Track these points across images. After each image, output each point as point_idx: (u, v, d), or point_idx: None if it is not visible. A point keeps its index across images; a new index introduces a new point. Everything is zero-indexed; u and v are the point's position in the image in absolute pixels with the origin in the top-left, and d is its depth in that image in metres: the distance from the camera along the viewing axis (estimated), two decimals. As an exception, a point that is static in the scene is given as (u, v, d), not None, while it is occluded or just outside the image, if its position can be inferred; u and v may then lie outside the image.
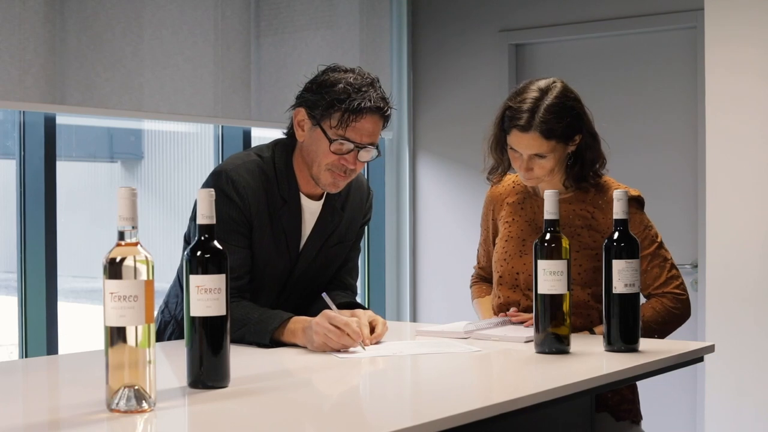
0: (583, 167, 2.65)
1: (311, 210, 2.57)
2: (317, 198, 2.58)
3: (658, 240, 2.65)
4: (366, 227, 2.79)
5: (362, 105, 2.41)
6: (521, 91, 2.61)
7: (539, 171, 2.59)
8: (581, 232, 2.63)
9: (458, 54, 5.06)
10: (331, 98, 2.43)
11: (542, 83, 2.60)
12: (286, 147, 2.56)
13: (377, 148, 2.49)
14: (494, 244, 2.82)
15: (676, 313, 2.61)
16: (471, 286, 2.98)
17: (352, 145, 2.44)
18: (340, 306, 2.50)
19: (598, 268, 2.50)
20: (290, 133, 2.55)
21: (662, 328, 2.60)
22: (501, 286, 2.74)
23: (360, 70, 2.50)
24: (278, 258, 2.53)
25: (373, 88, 2.47)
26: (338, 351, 2.27)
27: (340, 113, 2.42)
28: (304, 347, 2.33)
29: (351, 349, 2.28)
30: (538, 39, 4.89)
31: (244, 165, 2.50)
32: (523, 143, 2.56)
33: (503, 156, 2.69)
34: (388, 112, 2.49)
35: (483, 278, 2.95)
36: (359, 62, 4.91)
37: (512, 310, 2.67)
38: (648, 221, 2.66)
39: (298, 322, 2.35)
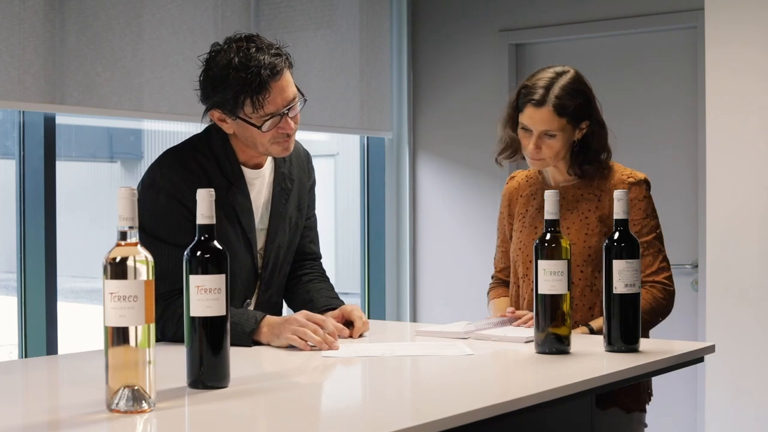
0: (588, 155, 2.70)
1: (254, 180, 2.54)
2: (259, 167, 2.55)
3: (657, 231, 2.70)
4: (314, 192, 2.77)
5: (262, 80, 2.35)
6: (536, 73, 2.71)
7: (547, 151, 2.65)
8: (589, 215, 2.69)
9: (458, 54, 5.06)
10: (232, 92, 2.36)
11: (557, 68, 2.70)
12: (220, 132, 2.50)
13: (301, 94, 2.44)
14: (511, 241, 2.87)
15: (663, 303, 2.67)
16: (488, 292, 2.98)
17: (278, 116, 2.40)
18: (325, 311, 2.51)
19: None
20: (216, 127, 2.49)
21: (651, 318, 2.64)
22: (517, 278, 2.78)
23: (237, 39, 2.40)
24: (236, 240, 2.49)
25: (260, 52, 2.37)
26: (306, 345, 2.28)
27: (249, 100, 2.36)
28: (295, 348, 2.31)
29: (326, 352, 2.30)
30: (538, 39, 4.89)
31: (178, 157, 2.46)
32: (536, 118, 2.62)
33: (514, 134, 2.74)
34: (286, 62, 2.40)
35: (500, 282, 2.95)
36: (359, 62, 4.92)
37: (509, 310, 2.68)
38: (651, 211, 2.69)
39: (264, 322, 2.35)
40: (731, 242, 3.78)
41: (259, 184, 2.56)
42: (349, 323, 2.49)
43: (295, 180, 2.65)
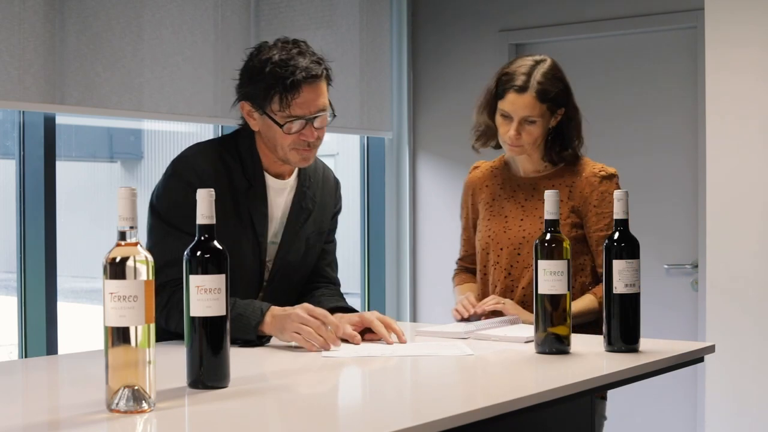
0: (564, 142, 2.78)
1: (276, 189, 2.55)
2: (283, 177, 2.56)
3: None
4: (337, 219, 2.78)
5: (295, 80, 2.38)
6: (515, 61, 2.79)
7: (527, 137, 2.72)
8: (561, 204, 2.72)
9: (458, 54, 5.06)
10: (264, 85, 2.40)
11: (536, 56, 2.80)
12: (248, 132, 2.54)
13: (331, 108, 2.47)
14: (473, 229, 2.95)
15: None
16: (453, 278, 3.05)
17: (303, 121, 2.42)
18: (335, 310, 2.49)
19: (578, 239, 2.72)
20: (246, 123, 2.53)
21: None
22: (485, 265, 2.84)
23: (284, 41, 2.45)
24: (246, 241, 2.49)
25: (302, 56, 2.41)
26: (309, 343, 2.27)
27: (278, 96, 2.39)
28: (301, 348, 2.32)
29: (332, 348, 2.29)
30: (538, 39, 4.89)
31: (204, 151, 2.51)
32: (519, 103, 2.70)
33: (491, 121, 2.79)
34: (325, 73, 2.45)
35: (464, 269, 3.02)
36: (359, 62, 4.92)
37: (467, 297, 2.73)
38: None
39: (269, 313, 2.33)
40: (731, 242, 3.78)
41: (279, 196, 2.56)
42: (365, 331, 2.44)
43: (318, 202, 2.64)
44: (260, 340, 2.35)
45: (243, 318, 2.33)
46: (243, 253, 2.49)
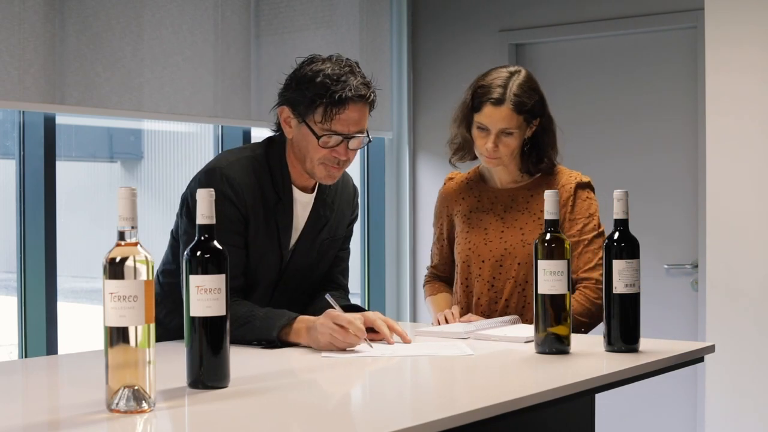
0: (540, 152, 2.79)
1: (302, 202, 2.57)
2: (309, 190, 2.59)
3: (599, 230, 2.78)
4: (353, 227, 2.79)
5: (343, 95, 2.40)
6: (489, 73, 2.78)
7: (504, 149, 2.73)
8: (541, 215, 2.74)
9: (458, 54, 5.06)
10: (311, 94, 2.41)
11: (510, 68, 2.79)
12: (278, 143, 2.55)
13: (367, 133, 2.49)
14: (448, 239, 2.94)
15: (598, 303, 2.67)
16: (424, 285, 3.04)
17: (340, 137, 2.43)
18: (344, 309, 2.49)
19: None
20: (279, 130, 2.54)
21: (590, 321, 2.69)
22: (467, 277, 2.82)
23: (338, 58, 2.49)
24: (271, 253, 2.52)
25: (353, 75, 2.44)
26: (344, 350, 2.28)
27: (322, 107, 2.41)
28: (305, 347, 2.33)
29: (357, 347, 2.29)
30: (538, 39, 4.89)
31: (238, 162, 2.50)
32: (496, 116, 2.69)
33: (468, 134, 2.80)
34: (372, 97, 2.47)
35: (436, 277, 3.02)
36: (359, 62, 4.91)
37: (453, 309, 2.74)
38: (595, 210, 2.79)
39: (302, 321, 2.35)
40: (731, 242, 3.78)
41: (304, 209, 2.58)
42: (368, 330, 2.44)
43: (336, 210, 2.65)
44: (280, 341, 2.35)
45: (269, 320, 2.35)
46: (267, 265, 2.52)
